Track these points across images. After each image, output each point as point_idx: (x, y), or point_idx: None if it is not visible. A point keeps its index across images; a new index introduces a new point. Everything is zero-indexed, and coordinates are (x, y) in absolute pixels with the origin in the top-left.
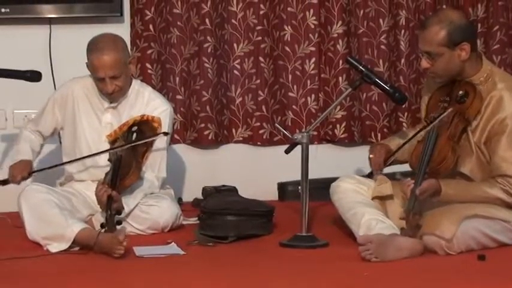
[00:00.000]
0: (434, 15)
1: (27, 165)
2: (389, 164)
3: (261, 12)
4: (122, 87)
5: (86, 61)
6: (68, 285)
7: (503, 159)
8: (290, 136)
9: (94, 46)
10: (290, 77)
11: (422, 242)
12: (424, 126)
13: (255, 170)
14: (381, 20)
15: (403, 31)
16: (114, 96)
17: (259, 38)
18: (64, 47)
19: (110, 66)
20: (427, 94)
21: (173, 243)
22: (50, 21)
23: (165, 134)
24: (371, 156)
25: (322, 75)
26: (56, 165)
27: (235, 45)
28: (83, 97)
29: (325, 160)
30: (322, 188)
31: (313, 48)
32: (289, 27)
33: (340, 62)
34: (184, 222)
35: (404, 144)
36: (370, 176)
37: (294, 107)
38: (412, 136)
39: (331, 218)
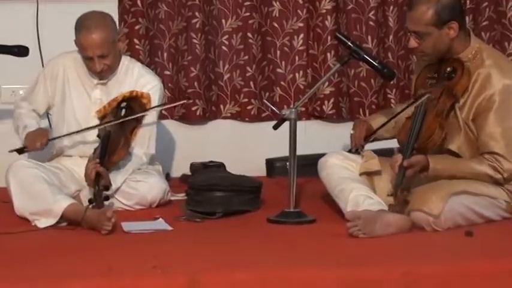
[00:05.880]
0: None
1: (45, 132)
2: (371, 141)
3: None
4: (111, 65)
5: (75, 39)
6: (55, 260)
7: (491, 136)
8: (278, 112)
9: (82, 25)
10: (278, 53)
11: (410, 218)
12: (410, 102)
13: (243, 146)
14: None
15: (391, 7)
16: (103, 74)
17: (248, 13)
18: (51, 22)
19: (97, 46)
20: (417, 72)
21: (161, 218)
22: None
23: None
24: (352, 132)
25: (311, 51)
26: (70, 134)
27: (223, 20)
28: (73, 72)
29: (313, 136)
30: (310, 164)
31: (301, 24)
32: (277, 2)
33: (329, 38)
34: (172, 198)
35: (386, 122)
36: (350, 152)
37: (282, 83)
38: (396, 114)
39: (319, 194)
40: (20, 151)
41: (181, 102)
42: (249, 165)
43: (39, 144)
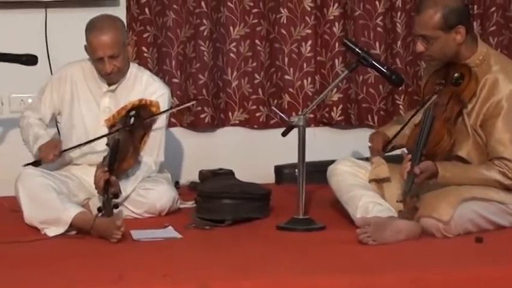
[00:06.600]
0: None
1: (57, 144)
2: (389, 151)
3: None
4: (121, 67)
5: (85, 43)
6: (64, 269)
7: (500, 142)
8: (287, 119)
9: (92, 26)
10: (286, 59)
11: (420, 224)
12: (419, 107)
13: (252, 153)
14: (377, 2)
15: (399, 13)
16: (112, 77)
17: (255, 20)
18: (60, 31)
19: (108, 46)
20: (426, 78)
21: (170, 226)
22: (46, 5)
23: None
24: (370, 145)
25: (319, 58)
26: (81, 144)
27: (231, 28)
28: (81, 81)
29: (322, 143)
30: (319, 170)
31: (309, 31)
32: (285, 9)
33: (337, 44)
34: (181, 206)
35: (400, 130)
36: (368, 159)
37: (290, 89)
38: (407, 121)
39: (328, 201)
40: (36, 164)
41: (189, 104)
42: (258, 172)
43: (52, 156)
